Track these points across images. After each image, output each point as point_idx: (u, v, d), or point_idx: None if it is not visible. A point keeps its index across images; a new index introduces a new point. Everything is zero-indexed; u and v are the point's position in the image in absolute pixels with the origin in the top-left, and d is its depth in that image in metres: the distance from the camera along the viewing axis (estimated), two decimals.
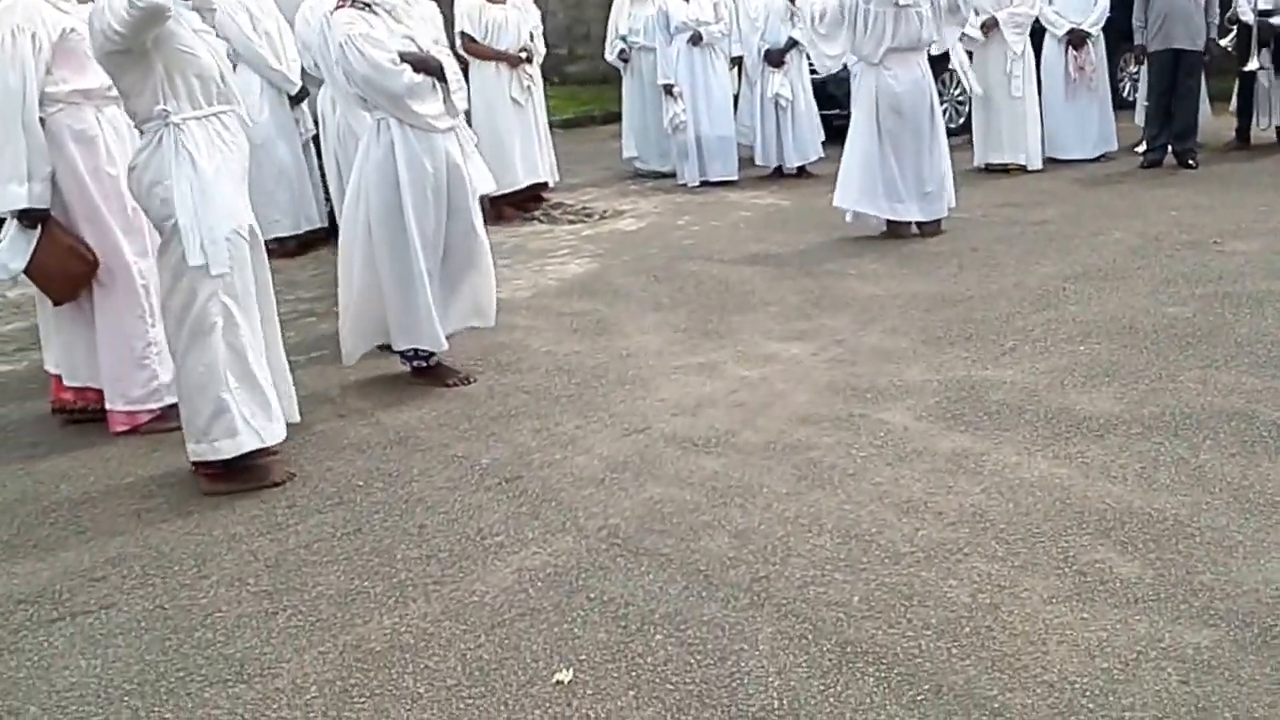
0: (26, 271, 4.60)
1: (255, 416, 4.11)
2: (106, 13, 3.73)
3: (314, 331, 6.13)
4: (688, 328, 5.70)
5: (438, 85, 4.87)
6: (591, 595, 3.26)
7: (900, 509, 3.64)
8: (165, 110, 3.92)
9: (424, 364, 5.18)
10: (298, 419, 4.43)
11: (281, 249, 7.75)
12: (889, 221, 7.22)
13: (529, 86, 8.72)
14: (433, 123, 4.88)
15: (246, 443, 4.10)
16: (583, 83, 15.63)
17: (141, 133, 4.04)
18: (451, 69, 5.01)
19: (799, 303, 5.98)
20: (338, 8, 4.82)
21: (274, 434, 4.20)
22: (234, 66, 7.39)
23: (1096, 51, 9.48)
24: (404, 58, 4.76)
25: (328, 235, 7.40)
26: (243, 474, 4.19)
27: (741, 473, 3.98)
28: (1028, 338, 5.22)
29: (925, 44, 7.18)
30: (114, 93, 4.23)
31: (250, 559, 3.67)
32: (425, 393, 5.06)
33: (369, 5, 4.83)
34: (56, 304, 4.73)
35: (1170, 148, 9.12)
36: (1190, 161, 8.99)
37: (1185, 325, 5.24)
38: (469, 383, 5.13)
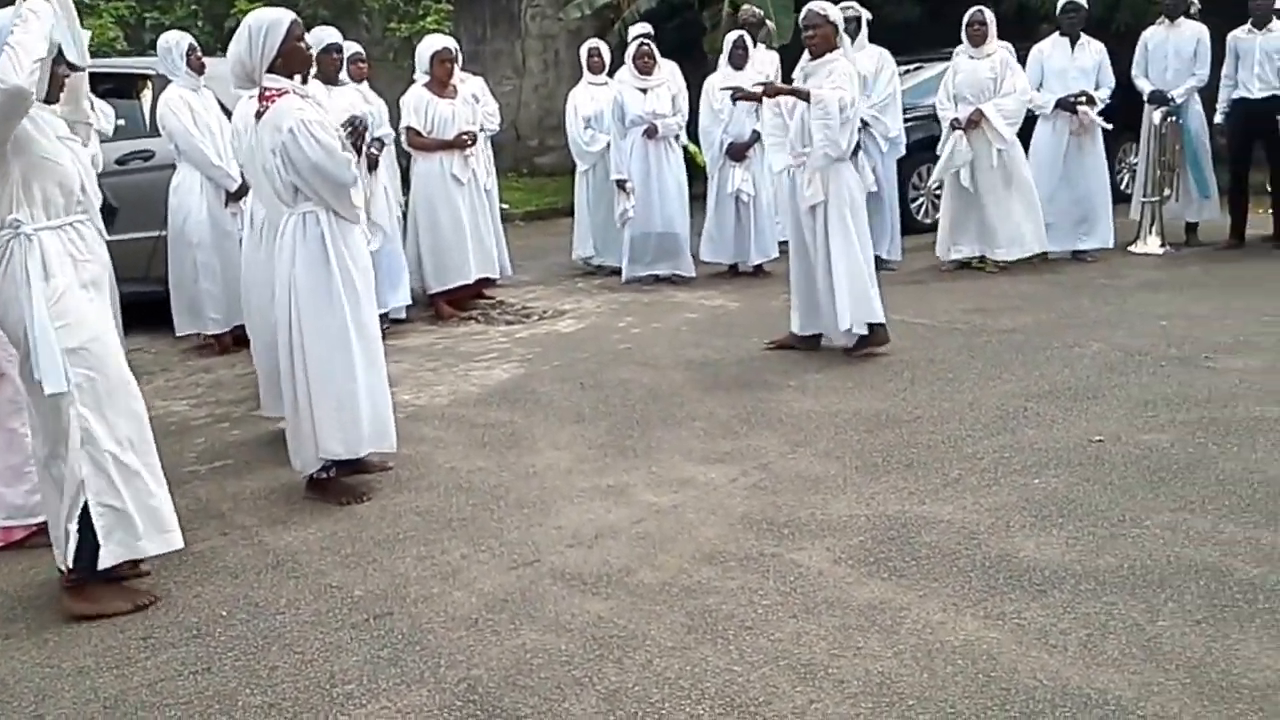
0: None
1: (116, 531, 3.83)
2: None
3: (224, 439, 5.86)
4: (604, 444, 5.37)
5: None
6: None
7: (797, 673, 3.26)
8: (18, 220, 3.72)
9: (324, 476, 4.88)
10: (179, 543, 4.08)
11: (218, 344, 7.66)
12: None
13: (471, 166, 8.46)
14: (358, 213, 4.77)
15: (106, 557, 3.84)
16: (552, 174, 15.49)
17: None
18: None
19: (728, 418, 5.63)
20: (274, 95, 4.58)
21: (140, 550, 3.91)
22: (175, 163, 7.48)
23: (1094, 136, 9.23)
24: None
25: None
26: (108, 594, 3.96)
27: (628, 619, 3.63)
28: (975, 467, 4.79)
29: None
30: None
31: (90, 698, 3.39)
32: (316, 510, 4.76)
33: (305, 96, 4.68)
34: None
35: None
36: None
37: (1160, 457, 4.71)
38: (363, 500, 4.81)
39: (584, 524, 4.44)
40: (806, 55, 6.54)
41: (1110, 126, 9.20)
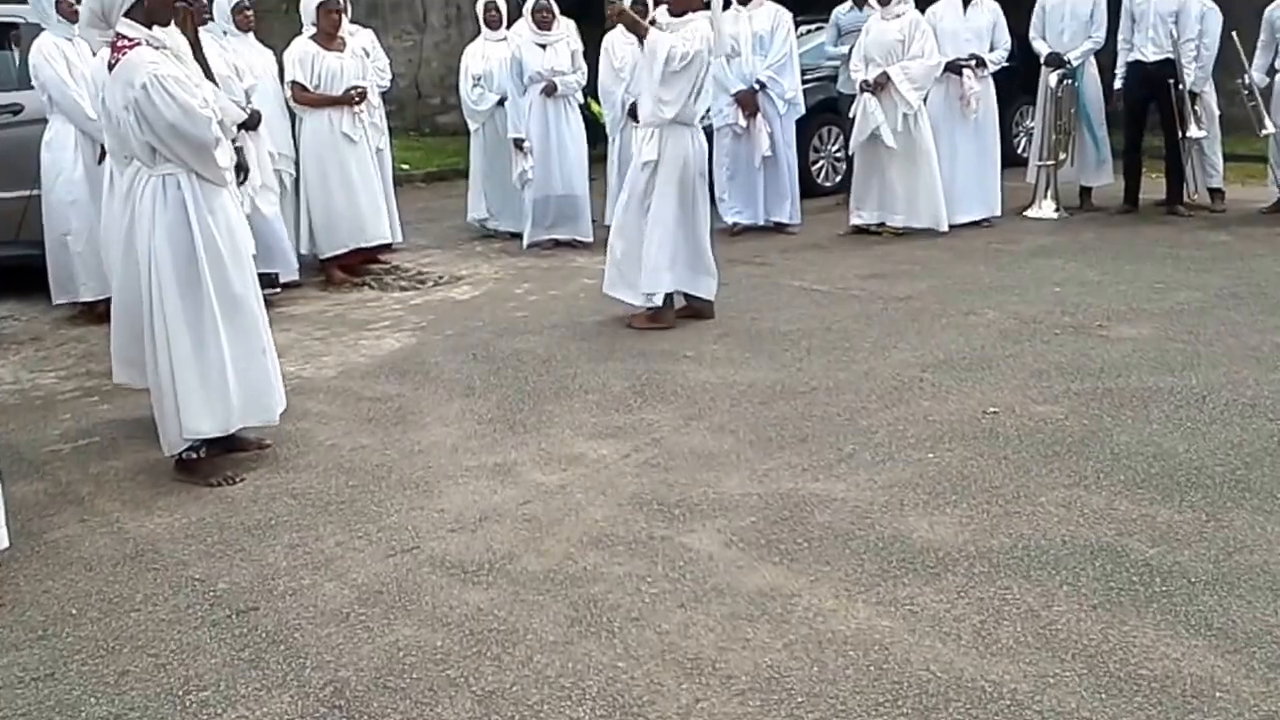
0: None
1: None
2: None
3: (91, 415, 5.51)
4: (494, 418, 5.13)
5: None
6: None
7: (683, 669, 3.07)
8: None
9: (195, 456, 4.59)
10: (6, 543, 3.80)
11: (91, 313, 7.20)
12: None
13: (362, 124, 8.13)
14: (225, 176, 4.46)
15: None
16: (454, 134, 15.08)
17: None
18: (232, 118, 4.69)
19: (621, 390, 5.43)
20: (128, 47, 4.24)
21: None
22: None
23: (985, 101, 9.12)
24: None
25: None
26: None
27: (509, 611, 3.41)
28: (870, 441, 4.64)
29: None
30: None
31: None
32: (184, 493, 4.47)
33: (161, 47, 4.32)
34: None
35: None
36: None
37: (1054, 429, 4.63)
38: (234, 483, 4.53)
39: (468, 506, 4.21)
40: (666, 12, 6.43)
41: (977, 87, 9.01)
